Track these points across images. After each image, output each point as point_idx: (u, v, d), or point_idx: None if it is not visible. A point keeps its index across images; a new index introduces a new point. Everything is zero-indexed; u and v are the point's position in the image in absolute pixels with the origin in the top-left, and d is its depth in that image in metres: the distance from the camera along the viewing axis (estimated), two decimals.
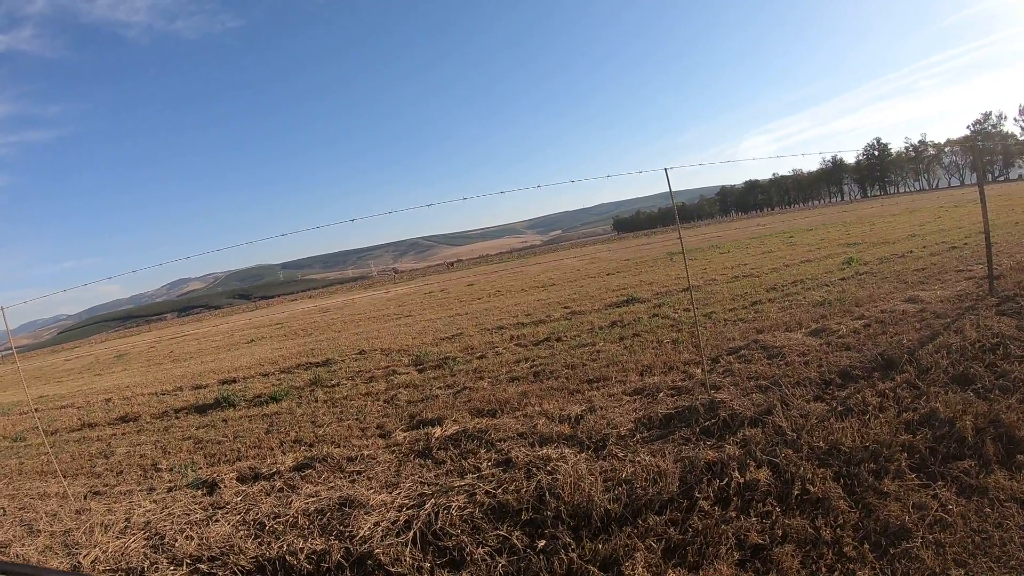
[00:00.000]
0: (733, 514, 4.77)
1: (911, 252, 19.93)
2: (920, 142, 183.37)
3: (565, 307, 20.57)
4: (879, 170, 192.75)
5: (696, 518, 4.80)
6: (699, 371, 8.95)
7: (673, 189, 8.07)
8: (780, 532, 4.54)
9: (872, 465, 5.17)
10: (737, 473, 5.25)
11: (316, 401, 12.75)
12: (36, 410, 19.71)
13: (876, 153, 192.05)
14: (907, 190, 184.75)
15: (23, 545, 6.63)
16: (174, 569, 5.46)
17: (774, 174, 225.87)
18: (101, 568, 5.76)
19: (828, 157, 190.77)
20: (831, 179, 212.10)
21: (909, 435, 5.59)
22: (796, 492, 4.91)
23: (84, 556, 6.02)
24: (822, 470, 5.16)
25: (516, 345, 14.81)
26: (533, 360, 12.64)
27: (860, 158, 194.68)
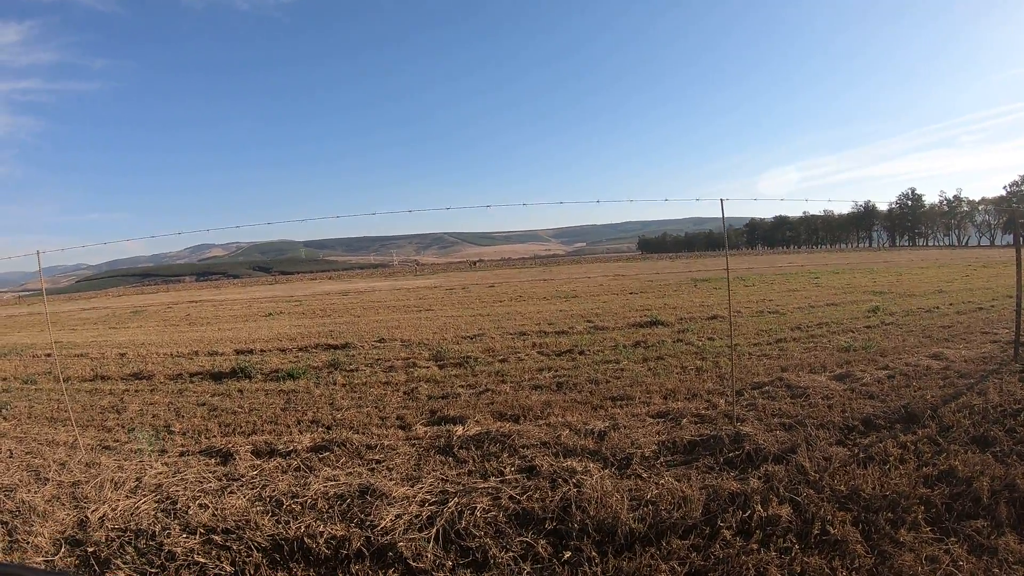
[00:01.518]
0: (755, 546, 4.85)
1: (937, 308, 19.87)
2: (955, 197, 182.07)
3: (588, 321, 20.67)
4: (910, 220, 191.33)
5: (718, 546, 4.87)
6: (723, 402, 9.08)
7: (703, 216, 8.24)
8: (799, 568, 4.63)
9: (890, 514, 5.24)
10: (760, 507, 5.33)
11: (335, 384, 12.86)
12: (48, 355, 20.00)
13: (910, 203, 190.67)
14: (936, 244, 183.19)
15: (29, 491, 6.63)
16: (187, 537, 5.45)
17: (804, 213, 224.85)
18: (110, 526, 5.73)
19: (860, 201, 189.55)
20: (861, 224, 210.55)
21: (927, 489, 5.67)
22: (816, 532, 4.99)
23: (92, 511, 6.02)
24: (842, 513, 5.24)
25: (539, 353, 14.95)
26: (556, 370, 12.77)
27: (893, 206, 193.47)
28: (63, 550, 5.48)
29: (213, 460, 8.02)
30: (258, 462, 7.73)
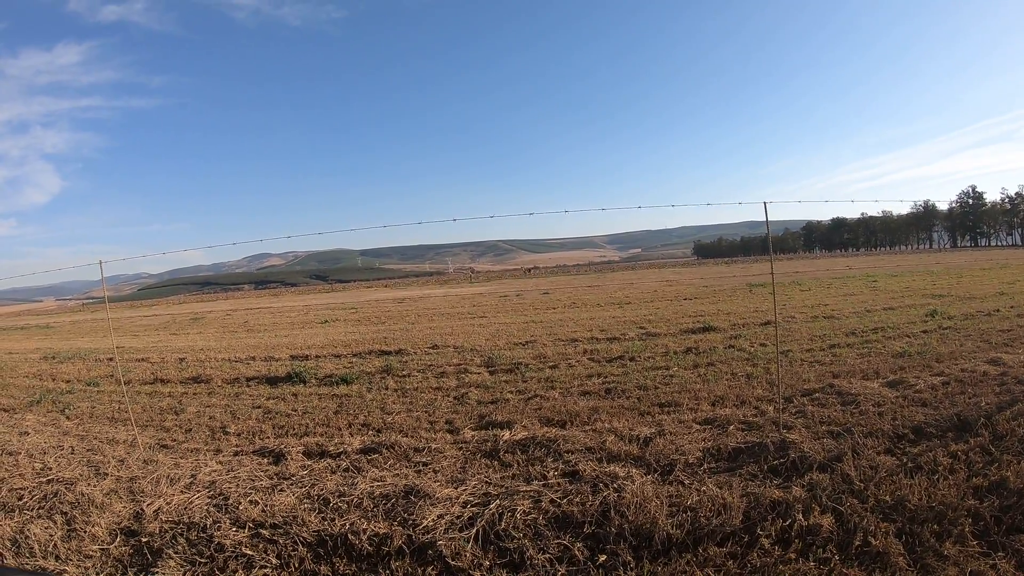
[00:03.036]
0: (793, 556, 4.79)
1: (998, 311, 19.28)
2: (1017, 194, 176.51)
3: (640, 327, 20.57)
4: (972, 220, 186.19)
5: (756, 555, 4.83)
6: (771, 409, 9.02)
7: (757, 220, 8.17)
8: None
9: (935, 526, 5.12)
10: (801, 516, 5.27)
11: (386, 389, 13.10)
12: (110, 359, 20.61)
13: (970, 202, 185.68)
14: (999, 244, 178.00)
15: (89, 484, 6.88)
16: (236, 531, 5.62)
17: (863, 214, 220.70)
18: (164, 519, 5.93)
19: (920, 201, 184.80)
20: (921, 224, 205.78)
21: (976, 501, 5.50)
22: (857, 543, 4.91)
23: (148, 505, 6.23)
24: (885, 524, 5.15)
25: (589, 359, 14.97)
26: (605, 376, 12.78)
27: (953, 205, 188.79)
28: (118, 539, 5.73)
29: (265, 460, 8.26)
30: (308, 462, 7.96)
